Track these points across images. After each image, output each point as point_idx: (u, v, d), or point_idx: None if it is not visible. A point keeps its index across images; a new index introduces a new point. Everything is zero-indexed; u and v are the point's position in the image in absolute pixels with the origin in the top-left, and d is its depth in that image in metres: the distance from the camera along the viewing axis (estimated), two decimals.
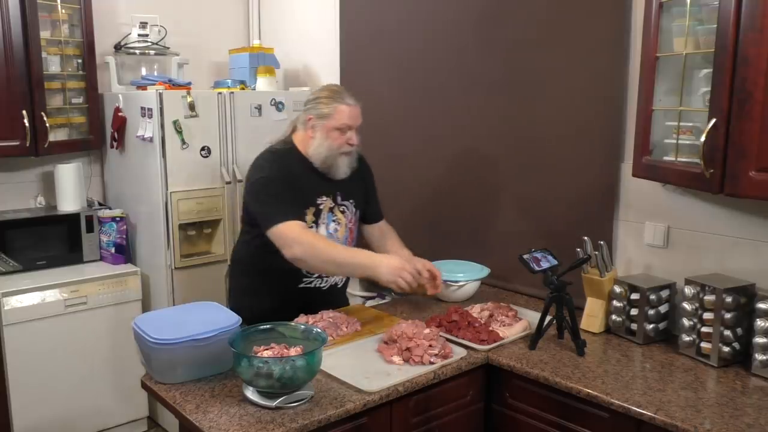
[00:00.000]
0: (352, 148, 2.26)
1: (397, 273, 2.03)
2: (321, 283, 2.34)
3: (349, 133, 2.24)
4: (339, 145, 2.23)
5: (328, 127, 2.22)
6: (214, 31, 3.89)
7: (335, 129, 2.22)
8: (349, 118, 2.23)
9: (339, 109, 2.22)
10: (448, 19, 2.89)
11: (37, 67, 3.02)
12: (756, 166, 1.70)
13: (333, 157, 2.24)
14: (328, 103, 2.23)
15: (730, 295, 1.94)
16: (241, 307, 2.31)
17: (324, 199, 2.28)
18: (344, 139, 2.23)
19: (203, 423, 1.62)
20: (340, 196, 2.33)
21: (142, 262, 3.30)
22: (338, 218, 2.32)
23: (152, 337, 1.79)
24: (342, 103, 2.22)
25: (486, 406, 2.14)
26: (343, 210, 2.34)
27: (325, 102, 2.24)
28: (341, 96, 2.24)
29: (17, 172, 3.32)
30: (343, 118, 2.22)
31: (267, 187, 2.18)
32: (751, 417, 1.66)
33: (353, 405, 1.73)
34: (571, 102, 2.49)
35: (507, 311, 2.32)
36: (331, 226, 2.30)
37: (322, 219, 2.27)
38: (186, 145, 3.06)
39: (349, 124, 2.23)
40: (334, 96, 2.24)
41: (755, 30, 1.66)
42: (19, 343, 2.89)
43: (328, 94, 2.26)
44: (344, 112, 2.22)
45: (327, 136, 2.23)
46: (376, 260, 2.09)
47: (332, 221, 2.30)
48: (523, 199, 2.69)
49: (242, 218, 2.41)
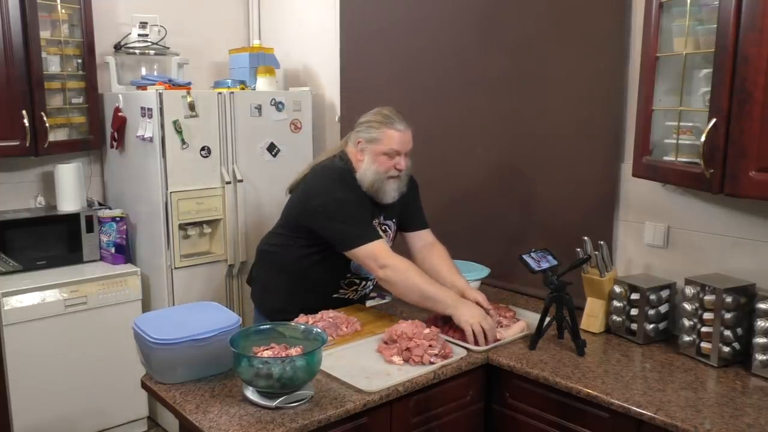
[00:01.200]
0: (400, 173, 2.26)
1: (476, 320, 2.08)
2: (354, 295, 2.42)
3: (397, 158, 2.24)
4: (386, 169, 2.23)
5: (376, 152, 2.23)
6: (214, 31, 3.89)
7: (383, 154, 2.23)
8: (398, 143, 2.23)
9: (388, 134, 2.22)
10: (447, 18, 2.89)
11: (37, 67, 3.02)
12: (756, 166, 1.70)
13: (380, 181, 2.24)
14: (378, 127, 2.24)
15: (730, 295, 1.94)
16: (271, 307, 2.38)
17: (374, 220, 2.32)
18: (392, 163, 2.24)
19: (203, 423, 1.62)
20: (383, 216, 2.36)
21: (142, 262, 3.30)
22: None
23: (152, 337, 1.79)
24: (391, 128, 2.23)
25: (486, 406, 2.14)
26: (384, 229, 2.37)
27: (375, 126, 2.25)
28: (392, 120, 2.24)
29: (17, 172, 3.32)
30: (392, 143, 2.22)
31: (344, 208, 2.20)
32: (751, 417, 1.66)
33: (353, 405, 1.73)
34: (571, 102, 2.49)
35: (505, 312, 2.31)
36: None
37: None
38: (186, 145, 3.06)
39: (397, 150, 2.23)
40: (385, 120, 2.24)
41: (755, 30, 1.66)
42: (19, 343, 2.89)
43: (379, 119, 2.26)
44: (393, 137, 2.22)
45: (374, 160, 2.24)
46: (458, 304, 2.12)
47: None
48: (523, 199, 2.69)
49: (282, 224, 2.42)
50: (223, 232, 3.25)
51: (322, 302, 2.32)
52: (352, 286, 2.40)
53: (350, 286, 2.39)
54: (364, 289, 2.47)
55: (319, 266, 2.31)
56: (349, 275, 2.34)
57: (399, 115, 2.28)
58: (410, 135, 2.28)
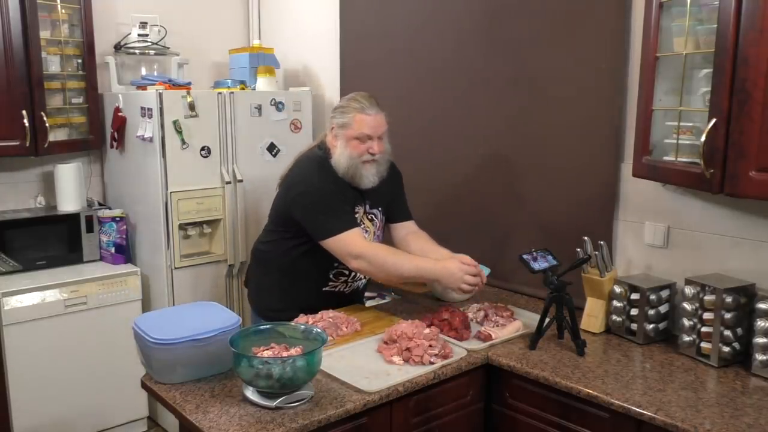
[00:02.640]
0: (374, 156, 2.24)
1: (459, 278, 2.10)
2: (345, 287, 2.39)
3: (369, 142, 2.22)
4: (359, 153, 2.22)
5: (348, 136, 2.23)
6: (214, 31, 3.89)
7: (354, 138, 2.22)
8: (368, 127, 2.22)
9: (358, 119, 2.22)
10: (448, 19, 2.89)
11: (37, 67, 3.02)
12: (756, 166, 1.70)
13: (354, 166, 2.23)
14: (348, 112, 2.24)
15: (730, 295, 1.94)
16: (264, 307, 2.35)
17: (358, 209, 2.31)
18: (364, 148, 2.22)
19: (203, 423, 1.62)
20: (369, 204, 2.35)
21: (142, 262, 3.30)
22: (366, 226, 2.34)
23: (152, 337, 1.79)
24: (361, 113, 2.22)
25: (486, 406, 2.14)
26: (371, 218, 2.36)
27: (346, 111, 2.24)
28: (362, 105, 2.23)
29: (17, 172, 3.32)
30: (362, 127, 2.21)
31: (319, 198, 2.20)
32: (751, 417, 1.66)
33: (353, 405, 1.73)
34: (571, 102, 2.49)
35: (503, 311, 2.32)
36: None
37: None
38: (186, 145, 3.06)
39: (368, 134, 2.22)
40: (355, 105, 2.24)
41: (755, 30, 1.66)
42: (19, 343, 2.89)
43: (349, 104, 2.26)
44: (363, 121, 2.21)
45: (347, 145, 2.23)
46: (437, 272, 2.13)
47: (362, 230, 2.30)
48: (523, 199, 2.69)
49: (270, 220, 2.42)
50: (223, 232, 3.25)
51: (314, 297, 2.31)
52: (341, 278, 2.36)
53: (339, 277, 2.35)
54: (355, 281, 2.42)
55: (305, 259, 2.29)
56: (336, 265, 2.30)
57: (370, 100, 2.26)
58: (382, 119, 2.25)
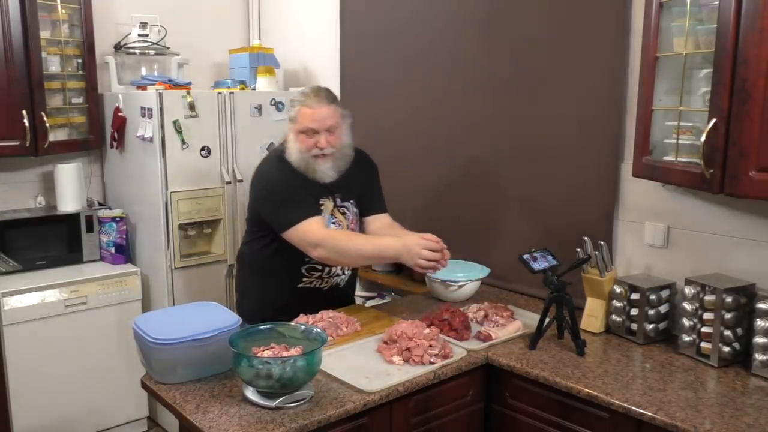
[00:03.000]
0: (323, 151, 2.18)
1: (416, 253, 2.02)
2: (321, 284, 2.33)
3: (316, 136, 2.16)
4: (307, 148, 2.17)
5: (295, 131, 2.19)
6: (214, 31, 3.89)
7: (300, 132, 2.17)
8: (312, 120, 2.15)
9: (301, 112, 2.17)
10: (448, 19, 2.89)
11: (37, 67, 3.02)
12: (756, 166, 1.70)
13: (305, 160, 2.19)
14: (294, 105, 2.20)
15: (730, 295, 1.94)
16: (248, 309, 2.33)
17: (323, 201, 2.27)
18: (312, 142, 2.17)
19: (203, 423, 1.62)
20: (339, 198, 2.31)
21: (142, 262, 3.30)
22: (338, 220, 2.31)
23: (152, 337, 1.79)
24: (304, 106, 2.16)
25: (486, 406, 2.14)
26: (343, 211, 2.33)
27: (293, 104, 2.21)
28: (306, 97, 2.18)
29: (17, 172, 3.32)
30: (305, 120, 2.16)
31: (277, 190, 2.17)
32: (751, 417, 1.66)
33: (353, 405, 1.73)
34: (571, 102, 2.49)
35: (503, 311, 2.32)
36: (331, 228, 2.27)
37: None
38: (186, 145, 3.06)
39: (313, 128, 2.16)
40: (301, 98, 2.19)
41: (755, 30, 1.66)
42: (19, 343, 2.89)
43: (296, 97, 2.21)
44: (306, 115, 2.16)
45: (296, 139, 2.19)
46: (397, 248, 2.06)
47: (332, 223, 2.28)
48: (523, 199, 2.69)
49: (246, 221, 2.40)
50: (223, 232, 3.25)
51: (292, 295, 2.27)
52: (314, 273, 2.29)
53: (311, 272, 2.29)
54: (331, 277, 2.33)
55: (278, 256, 2.25)
56: (307, 260, 2.24)
57: (318, 92, 2.20)
58: (329, 111, 2.18)
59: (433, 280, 2.57)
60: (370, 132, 3.31)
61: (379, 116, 3.25)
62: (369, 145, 3.31)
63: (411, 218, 3.14)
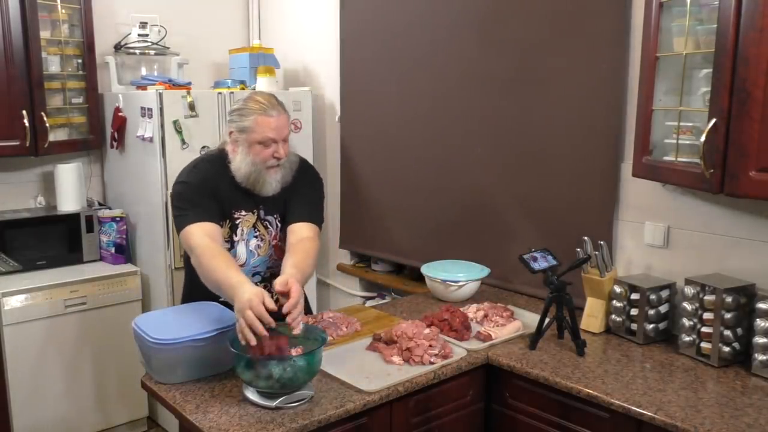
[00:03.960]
0: (280, 161, 2.06)
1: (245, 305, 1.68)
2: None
3: (274, 146, 2.04)
4: (263, 159, 2.04)
5: (250, 141, 2.03)
6: (214, 31, 3.89)
7: (257, 143, 2.03)
8: (272, 130, 2.02)
9: (258, 122, 2.01)
10: (448, 19, 2.89)
11: (37, 67, 3.02)
12: (756, 166, 1.70)
13: (257, 172, 2.05)
14: (248, 114, 2.03)
15: (730, 295, 1.94)
16: None
17: (243, 214, 2.13)
18: (269, 152, 2.04)
19: (203, 423, 1.62)
20: (264, 211, 2.17)
21: (142, 262, 3.30)
22: (261, 234, 2.17)
23: (152, 337, 1.78)
24: (263, 114, 2.02)
25: (486, 406, 2.14)
26: (266, 225, 2.18)
27: (246, 114, 2.03)
28: (262, 105, 2.03)
29: (17, 172, 3.32)
30: (264, 130, 2.02)
31: (182, 193, 2.06)
32: (751, 417, 1.66)
33: (353, 405, 1.73)
34: (571, 102, 2.49)
35: (502, 311, 2.32)
36: (253, 242, 2.16)
37: (243, 236, 2.14)
38: (186, 145, 3.06)
39: (272, 137, 2.02)
40: (254, 106, 2.04)
41: (755, 30, 1.66)
42: (19, 343, 2.89)
43: (250, 105, 2.04)
44: (264, 124, 2.01)
45: (249, 150, 2.04)
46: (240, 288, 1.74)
47: (254, 237, 2.16)
48: (523, 199, 2.69)
49: None
50: None
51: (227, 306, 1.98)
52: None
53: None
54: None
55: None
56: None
57: (271, 99, 2.07)
58: (285, 120, 2.06)
59: (433, 280, 2.57)
60: (369, 132, 3.32)
61: (378, 116, 3.25)
62: (368, 144, 3.34)
63: (410, 218, 3.15)
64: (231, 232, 2.13)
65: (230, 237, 2.13)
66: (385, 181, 3.25)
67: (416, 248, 3.14)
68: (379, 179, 3.31)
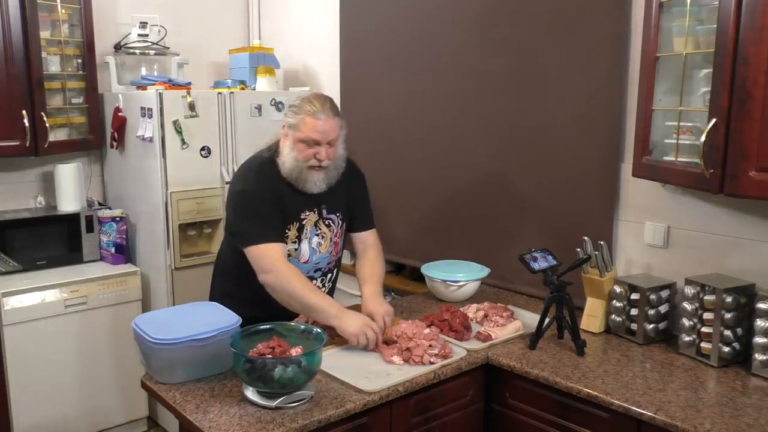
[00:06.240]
0: (321, 163, 2.11)
1: (362, 330, 2.00)
2: None
3: (317, 147, 2.09)
4: (305, 158, 2.09)
5: (295, 138, 2.10)
6: (214, 31, 3.89)
7: (300, 141, 2.09)
8: (316, 132, 2.07)
9: (305, 121, 2.08)
10: (448, 19, 2.89)
11: (37, 67, 3.01)
12: (756, 166, 1.70)
13: (298, 170, 2.11)
14: (298, 113, 2.10)
15: (730, 295, 1.94)
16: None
17: (308, 214, 2.19)
18: (311, 153, 2.09)
19: (203, 423, 1.62)
20: (326, 209, 2.24)
21: (142, 262, 3.30)
22: (323, 232, 2.23)
23: (152, 337, 1.79)
24: (311, 116, 2.07)
25: (486, 406, 2.14)
26: (328, 224, 2.25)
27: (297, 111, 2.11)
28: (314, 107, 2.09)
29: (17, 172, 3.32)
30: (307, 130, 2.07)
31: (247, 202, 2.10)
32: (751, 417, 1.66)
33: (353, 405, 1.73)
34: (571, 102, 2.49)
35: (502, 311, 2.32)
36: (314, 240, 2.21)
37: (306, 234, 2.19)
38: (186, 145, 3.06)
39: (316, 139, 2.08)
40: (308, 107, 2.09)
41: (755, 29, 1.66)
42: (19, 343, 2.89)
43: (302, 104, 2.11)
44: (310, 124, 2.07)
45: (294, 146, 2.10)
46: (342, 315, 2.02)
47: (315, 235, 2.22)
48: (523, 199, 2.69)
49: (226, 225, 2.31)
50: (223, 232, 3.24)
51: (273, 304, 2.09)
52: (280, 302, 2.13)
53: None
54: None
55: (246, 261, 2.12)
56: None
57: (325, 103, 2.11)
58: (334, 124, 2.11)
59: (433, 280, 2.57)
60: (369, 132, 3.31)
61: (378, 116, 3.25)
62: (368, 144, 3.33)
63: (410, 218, 3.15)
64: (298, 233, 2.18)
65: (297, 237, 2.17)
66: (385, 180, 3.25)
67: (416, 248, 3.14)
68: (379, 179, 3.30)
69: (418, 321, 2.10)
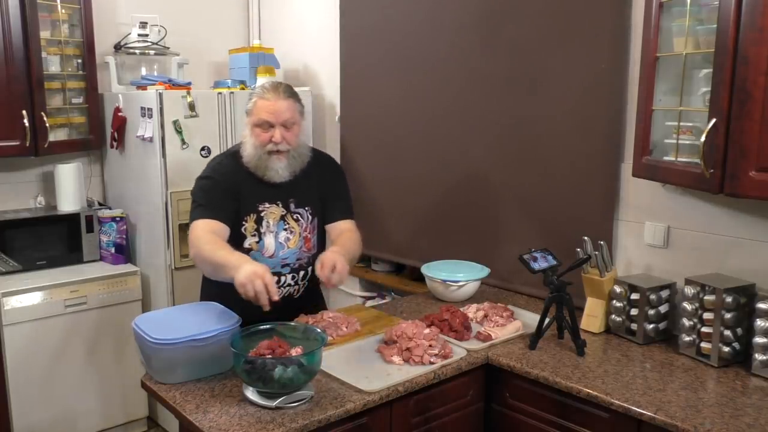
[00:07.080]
0: (278, 146, 2.06)
1: (249, 279, 1.77)
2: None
3: (271, 130, 2.05)
4: (261, 142, 2.06)
5: (251, 124, 2.09)
6: (214, 31, 3.89)
7: (256, 126, 2.07)
8: (266, 112, 2.04)
9: (257, 104, 2.07)
10: (448, 18, 2.89)
11: (37, 67, 3.02)
12: (756, 166, 1.70)
13: (257, 156, 2.08)
14: (251, 98, 2.10)
15: (730, 295, 1.94)
16: None
17: (267, 206, 2.14)
18: (267, 137, 2.05)
19: (203, 423, 1.62)
20: (294, 203, 2.18)
21: (142, 262, 3.30)
22: (291, 227, 2.18)
23: (152, 337, 1.79)
24: (260, 98, 2.06)
25: (486, 406, 2.14)
26: (296, 218, 2.19)
27: (251, 97, 2.11)
28: (264, 89, 2.08)
29: (17, 172, 3.32)
30: (259, 112, 2.06)
31: (201, 188, 2.10)
32: (751, 417, 1.66)
33: (353, 405, 1.73)
34: (571, 102, 2.49)
35: (502, 311, 2.32)
36: (282, 235, 2.16)
37: (270, 228, 2.14)
38: (186, 145, 3.06)
39: (268, 120, 2.05)
40: (258, 90, 2.09)
41: (755, 30, 1.66)
42: (19, 343, 2.89)
43: (255, 89, 2.11)
44: (261, 106, 2.05)
45: (251, 133, 2.09)
46: (240, 265, 1.82)
47: (283, 230, 2.17)
48: (523, 199, 2.69)
49: None
50: None
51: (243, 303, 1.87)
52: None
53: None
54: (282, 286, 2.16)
55: None
56: None
57: (279, 86, 2.09)
58: (286, 105, 2.06)
59: (433, 280, 2.57)
60: (369, 131, 3.32)
61: (378, 116, 3.25)
62: (369, 144, 3.34)
63: (410, 218, 3.15)
64: (257, 225, 2.14)
65: (256, 230, 2.14)
66: (384, 180, 3.25)
67: (416, 248, 3.14)
68: (378, 179, 3.31)
69: (418, 321, 2.10)
